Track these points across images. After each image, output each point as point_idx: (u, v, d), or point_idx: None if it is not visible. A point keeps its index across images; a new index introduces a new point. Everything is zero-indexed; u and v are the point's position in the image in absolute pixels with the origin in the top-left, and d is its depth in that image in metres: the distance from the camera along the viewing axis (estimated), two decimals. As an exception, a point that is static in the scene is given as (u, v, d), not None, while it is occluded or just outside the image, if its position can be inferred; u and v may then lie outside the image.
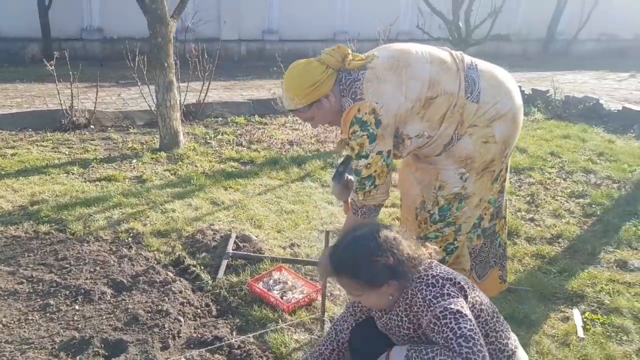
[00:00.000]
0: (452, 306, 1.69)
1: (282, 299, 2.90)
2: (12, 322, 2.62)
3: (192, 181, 4.66)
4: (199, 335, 2.58)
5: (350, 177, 2.55)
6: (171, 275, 3.09)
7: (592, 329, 2.85)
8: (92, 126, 6.53)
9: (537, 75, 11.41)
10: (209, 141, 5.99)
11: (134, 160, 5.20)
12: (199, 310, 2.80)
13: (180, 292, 2.91)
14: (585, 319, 2.93)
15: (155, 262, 3.25)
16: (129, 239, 3.58)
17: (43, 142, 5.72)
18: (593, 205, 4.46)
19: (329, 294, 2.95)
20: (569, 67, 13.25)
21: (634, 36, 16.98)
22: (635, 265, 3.52)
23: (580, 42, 16.74)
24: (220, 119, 7.18)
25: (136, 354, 2.41)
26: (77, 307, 2.75)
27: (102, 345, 2.45)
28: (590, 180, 5.09)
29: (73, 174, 4.76)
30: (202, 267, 3.21)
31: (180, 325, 2.63)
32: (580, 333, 2.80)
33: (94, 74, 6.81)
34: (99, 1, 12.22)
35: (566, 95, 8.14)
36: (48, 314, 2.68)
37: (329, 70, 2.29)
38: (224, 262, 3.22)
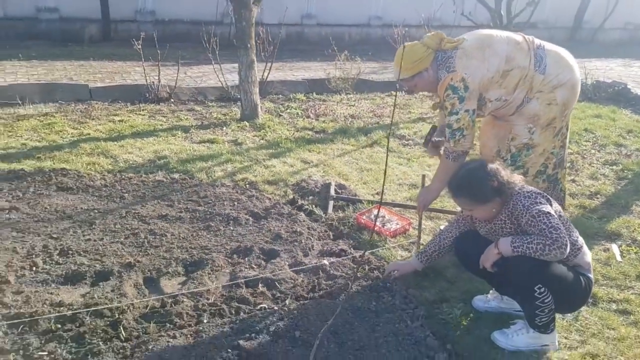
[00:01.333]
0: (543, 209, 2.49)
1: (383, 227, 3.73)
2: (188, 236, 3.47)
3: (280, 144, 5.49)
4: (328, 249, 3.41)
5: (436, 139, 3.43)
6: (291, 210, 3.92)
7: (627, 256, 3.64)
8: (172, 100, 7.36)
9: (566, 62, 12.02)
10: (280, 114, 6.81)
11: (224, 128, 6.03)
12: (321, 234, 3.63)
13: (303, 221, 3.75)
14: (621, 250, 3.72)
15: (276, 201, 4.09)
16: (247, 185, 4.42)
17: (140, 111, 6.56)
18: (625, 171, 5.22)
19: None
20: (596, 55, 13.82)
21: (659, 25, 17.46)
22: (662, 215, 4.30)
23: (606, 30, 17.24)
24: (281, 95, 7.96)
25: (287, 258, 3.25)
26: (231, 227, 3.60)
27: (260, 252, 3.30)
28: (621, 151, 5.82)
29: (179, 137, 5.60)
30: (314, 206, 4.04)
31: (312, 242, 3.47)
32: (619, 258, 3.59)
33: (154, 54, 7.46)
34: (152, -15, 13.00)
35: (596, 80, 8.82)
36: (212, 232, 3.54)
37: (429, 50, 3.15)
38: (331, 203, 4.05)
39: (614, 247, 3.75)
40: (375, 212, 3.92)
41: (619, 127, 6.73)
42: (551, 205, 2.58)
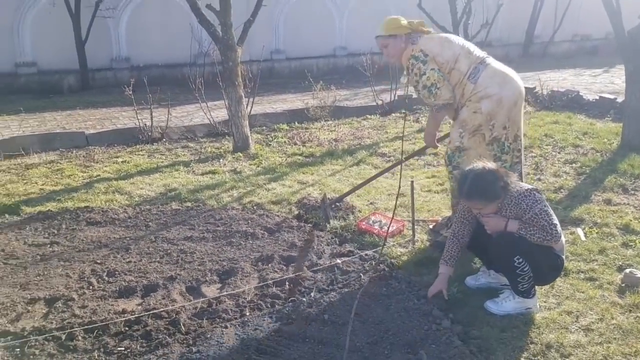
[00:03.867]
0: (544, 207, 3.06)
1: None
2: (215, 252, 3.98)
3: (275, 170, 6.05)
4: (337, 251, 3.96)
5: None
6: (300, 223, 4.47)
7: (590, 236, 4.27)
8: (164, 139, 7.86)
9: (522, 76, 12.71)
10: (269, 143, 7.38)
11: (221, 160, 6.57)
12: (328, 240, 4.18)
13: (311, 231, 4.29)
14: (585, 232, 4.34)
15: (284, 217, 4.63)
16: (254, 207, 4.95)
17: (139, 152, 7.06)
18: (583, 167, 5.90)
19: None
20: (549, 67, 14.83)
21: (604, 35, 18.67)
22: (616, 201, 4.95)
23: (556, 43, 18.43)
24: (265, 127, 8.54)
25: (304, 261, 3.79)
26: (250, 241, 4.12)
27: (280, 259, 3.83)
28: (579, 151, 6.53)
29: (182, 171, 6.11)
30: (317, 219, 4.58)
31: (323, 247, 4.01)
32: (583, 238, 4.22)
33: (137, 98, 7.84)
34: (125, 34, 13.54)
35: (551, 90, 9.65)
36: (235, 246, 4.06)
37: (410, 27, 3.94)
38: (328, 210, 4.58)
39: (579, 230, 4.37)
40: (373, 217, 4.49)
41: (575, 130, 7.46)
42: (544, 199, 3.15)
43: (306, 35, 15.23)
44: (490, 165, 3.17)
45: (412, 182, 4.16)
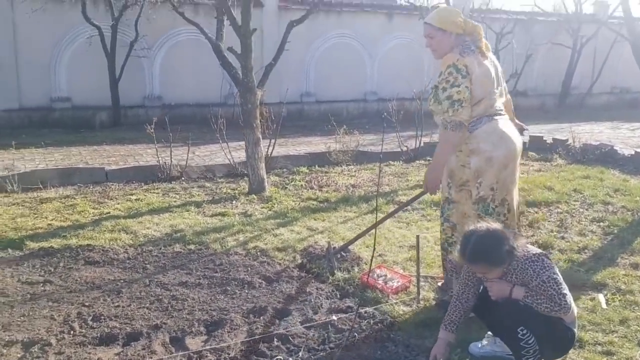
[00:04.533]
0: (553, 275, 2.82)
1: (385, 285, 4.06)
2: (207, 300, 3.81)
3: (287, 214, 5.89)
4: (336, 306, 3.73)
5: None
6: (300, 273, 4.27)
7: (612, 304, 3.94)
8: (183, 178, 7.82)
9: (556, 127, 12.67)
10: (286, 186, 7.26)
11: (234, 202, 6.46)
12: (328, 293, 3.96)
13: (312, 283, 4.09)
14: (607, 299, 4.02)
15: (286, 265, 4.44)
16: (258, 253, 4.78)
17: (154, 190, 7.02)
18: (611, 227, 5.57)
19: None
20: (585, 119, 14.48)
21: (644, 88, 18.27)
22: (645, 265, 4.62)
23: (594, 95, 18.08)
24: (285, 169, 8.44)
25: (298, 316, 3.57)
26: (246, 290, 3.94)
27: (274, 312, 3.62)
28: (608, 209, 6.19)
29: (192, 211, 6.01)
30: (321, 269, 4.38)
31: (321, 301, 3.79)
32: (604, 305, 3.89)
33: (164, 136, 7.90)
34: (159, 73, 13.83)
35: (584, 143, 9.31)
36: (229, 295, 3.88)
37: (463, 26, 3.59)
38: (333, 259, 4.37)
39: (600, 297, 4.04)
40: (378, 271, 4.26)
41: (606, 186, 7.11)
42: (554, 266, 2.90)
43: (337, 80, 15.31)
44: (496, 226, 2.94)
45: (418, 236, 3.93)
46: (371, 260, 3.31)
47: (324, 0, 12.29)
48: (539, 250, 2.97)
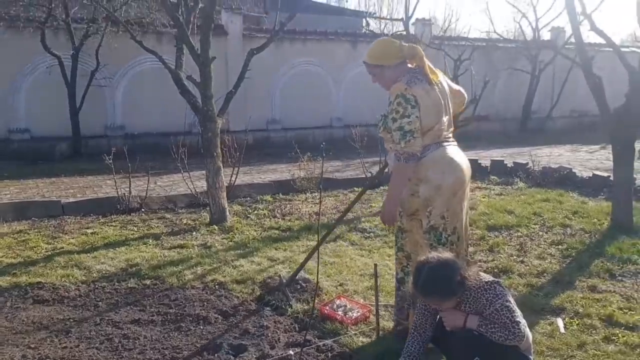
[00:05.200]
0: (506, 303, 2.79)
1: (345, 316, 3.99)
2: (160, 338, 3.68)
3: (248, 245, 5.79)
4: (293, 340, 3.64)
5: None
6: (258, 306, 4.17)
7: (570, 328, 3.94)
8: (142, 209, 7.66)
9: (517, 151, 12.89)
10: (248, 215, 7.16)
11: (194, 233, 6.33)
12: (287, 327, 3.87)
13: (270, 316, 3.99)
14: (565, 323, 4.02)
15: (244, 299, 4.33)
16: (216, 286, 4.66)
17: (112, 222, 6.84)
18: (569, 249, 5.62)
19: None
20: (546, 142, 14.78)
21: (601, 112, 18.78)
22: (602, 288, 4.64)
23: (554, 119, 18.53)
24: (249, 198, 8.34)
25: (254, 352, 3.47)
26: (201, 327, 3.82)
27: (229, 348, 3.51)
28: (567, 232, 6.26)
29: (150, 244, 5.86)
30: (279, 301, 4.29)
31: (279, 335, 3.70)
32: (562, 330, 3.89)
33: (125, 166, 7.70)
34: (121, 103, 13.64)
35: (543, 166, 9.47)
36: (183, 332, 3.75)
37: (400, 55, 3.50)
38: (287, 290, 4.29)
39: (559, 321, 4.04)
40: (338, 301, 4.19)
41: (565, 209, 7.21)
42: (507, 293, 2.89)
43: (303, 107, 15.36)
44: (447, 256, 2.92)
45: (376, 265, 3.89)
46: (315, 293, 3.23)
47: (287, 29, 12.34)
48: (491, 278, 2.95)
